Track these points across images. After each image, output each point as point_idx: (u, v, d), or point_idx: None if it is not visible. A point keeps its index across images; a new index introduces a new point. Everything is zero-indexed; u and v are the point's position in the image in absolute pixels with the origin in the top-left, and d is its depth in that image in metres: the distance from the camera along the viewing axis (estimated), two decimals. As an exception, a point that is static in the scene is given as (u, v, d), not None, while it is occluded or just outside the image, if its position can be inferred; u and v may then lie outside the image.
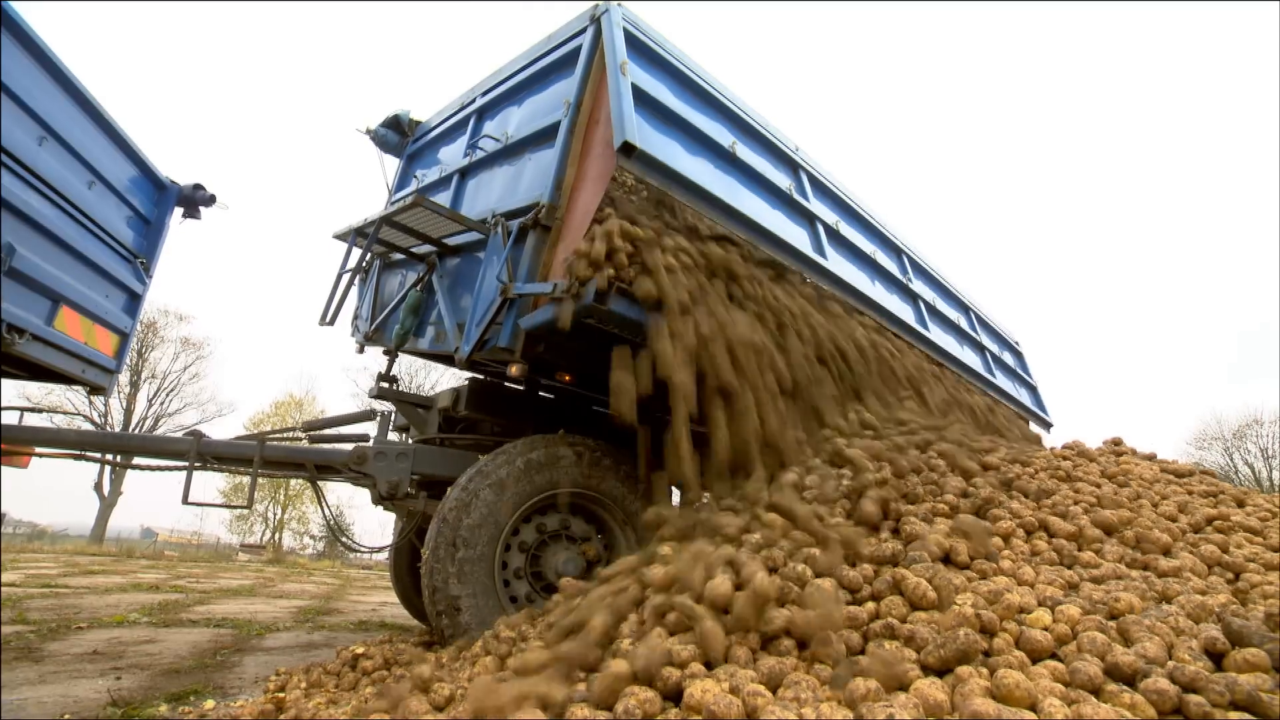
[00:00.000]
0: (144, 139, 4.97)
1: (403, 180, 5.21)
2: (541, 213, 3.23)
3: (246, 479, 4.46)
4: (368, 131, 5.18)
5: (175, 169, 5.27)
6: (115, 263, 4.50)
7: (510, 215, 3.41)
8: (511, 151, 3.87)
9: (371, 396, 4.12)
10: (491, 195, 3.86)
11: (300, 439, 4.46)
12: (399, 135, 5.22)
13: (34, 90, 3.84)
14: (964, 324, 6.12)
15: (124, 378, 25.32)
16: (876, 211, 5.29)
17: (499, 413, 3.87)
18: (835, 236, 4.40)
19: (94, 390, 4.48)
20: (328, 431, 4.55)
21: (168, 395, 25.95)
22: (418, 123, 5.24)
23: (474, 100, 4.50)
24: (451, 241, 3.94)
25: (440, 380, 25.11)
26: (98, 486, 23.25)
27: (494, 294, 3.19)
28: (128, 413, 24.70)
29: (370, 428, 4.46)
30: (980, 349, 6.29)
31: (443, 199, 4.23)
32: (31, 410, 3.94)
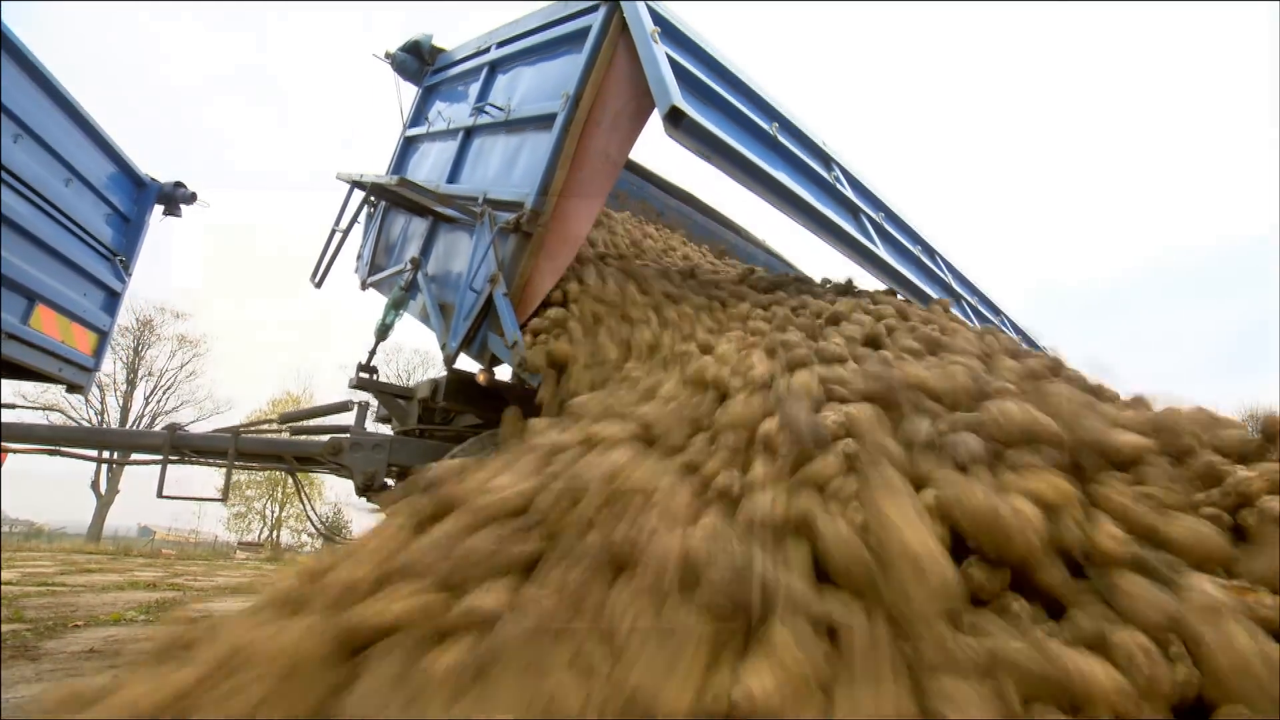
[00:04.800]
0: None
1: (418, 114, 5.02)
2: (524, 218, 3.15)
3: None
4: (386, 56, 5.05)
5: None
6: (94, 261, 4.51)
7: (499, 206, 3.33)
8: (513, 126, 3.69)
9: (351, 387, 4.13)
10: (489, 170, 3.73)
11: (280, 431, 4.48)
12: (419, 62, 5.03)
13: (9, 87, 3.83)
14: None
15: (121, 376, 25.35)
16: (908, 213, 5.18)
17: (479, 404, 3.88)
18: (881, 231, 4.29)
19: (72, 388, 4.50)
20: (311, 423, 4.57)
21: (164, 393, 25.97)
22: (440, 50, 5.01)
23: (489, 48, 4.27)
24: (446, 211, 3.90)
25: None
26: (94, 484, 23.29)
27: (480, 292, 3.16)
28: (124, 410, 24.72)
29: (353, 419, 4.48)
30: None
31: (447, 152, 4.17)
32: (7, 406, 3.95)
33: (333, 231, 4.34)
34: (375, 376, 4.27)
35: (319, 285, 4.41)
